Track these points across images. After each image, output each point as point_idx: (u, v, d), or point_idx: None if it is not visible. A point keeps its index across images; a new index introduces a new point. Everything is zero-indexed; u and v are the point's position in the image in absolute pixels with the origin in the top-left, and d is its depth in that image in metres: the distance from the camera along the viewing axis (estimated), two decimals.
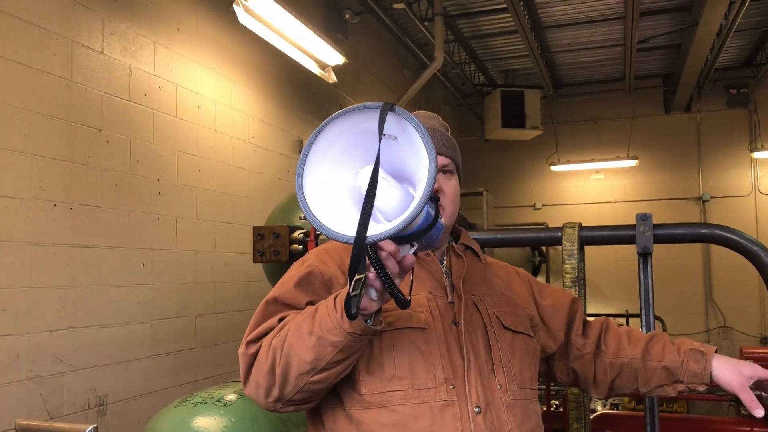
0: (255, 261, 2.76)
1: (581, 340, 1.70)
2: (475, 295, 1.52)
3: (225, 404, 1.97)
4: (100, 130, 3.55)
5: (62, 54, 3.33)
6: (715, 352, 1.56)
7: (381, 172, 1.10)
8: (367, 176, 1.08)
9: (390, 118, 1.09)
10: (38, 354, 3.12)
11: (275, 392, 1.32)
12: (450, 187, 1.55)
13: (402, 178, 1.17)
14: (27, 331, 3.07)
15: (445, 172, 1.55)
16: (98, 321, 3.50)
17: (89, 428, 1.79)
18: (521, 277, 1.75)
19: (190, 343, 4.24)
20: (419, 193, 1.05)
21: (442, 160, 1.55)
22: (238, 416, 1.94)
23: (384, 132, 1.09)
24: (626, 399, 7.42)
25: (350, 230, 1.05)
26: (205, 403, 1.98)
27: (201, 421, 1.92)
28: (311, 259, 1.51)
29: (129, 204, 3.75)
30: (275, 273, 2.92)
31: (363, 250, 1.07)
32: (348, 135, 1.15)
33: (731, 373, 1.51)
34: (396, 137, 1.11)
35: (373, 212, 1.14)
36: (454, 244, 1.61)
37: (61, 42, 3.33)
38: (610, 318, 1.82)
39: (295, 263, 1.55)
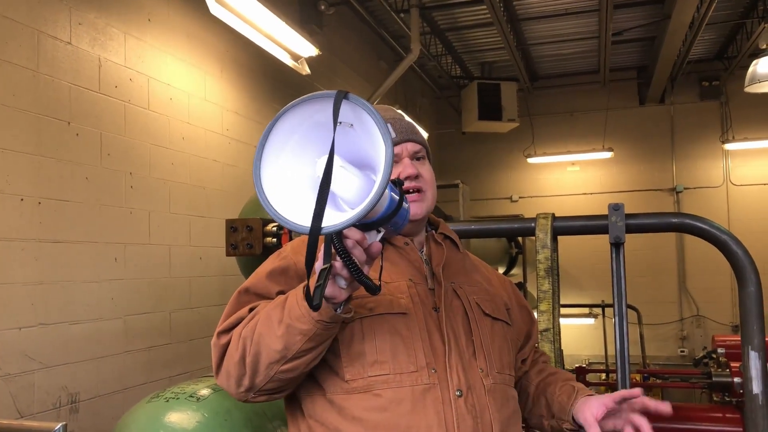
0: (228, 254, 2.72)
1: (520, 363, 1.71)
2: (454, 283, 1.54)
3: (198, 399, 1.94)
4: (69, 123, 3.48)
5: (28, 45, 3.25)
6: (592, 394, 1.53)
7: (339, 161, 1.09)
8: (323, 165, 1.07)
9: (345, 107, 1.08)
10: (7, 352, 3.05)
11: (246, 382, 1.33)
12: (426, 171, 1.58)
13: (364, 165, 1.15)
14: None
15: (419, 158, 1.59)
16: (69, 317, 3.43)
17: (58, 426, 1.74)
18: (500, 278, 1.77)
19: (165, 338, 4.19)
20: (378, 178, 1.04)
21: (414, 146, 1.58)
22: (211, 411, 1.91)
23: (340, 120, 1.07)
24: (603, 388, 7.50)
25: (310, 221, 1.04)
26: (178, 399, 1.95)
27: (174, 417, 1.89)
28: (287, 251, 1.52)
29: (100, 198, 3.67)
30: (249, 266, 2.88)
31: (317, 239, 1.06)
32: (305, 125, 1.13)
33: (586, 413, 1.47)
34: (352, 125, 1.09)
35: (337, 201, 1.13)
36: (433, 232, 1.63)
37: (27, 32, 3.24)
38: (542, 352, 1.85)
39: (272, 255, 1.56)
